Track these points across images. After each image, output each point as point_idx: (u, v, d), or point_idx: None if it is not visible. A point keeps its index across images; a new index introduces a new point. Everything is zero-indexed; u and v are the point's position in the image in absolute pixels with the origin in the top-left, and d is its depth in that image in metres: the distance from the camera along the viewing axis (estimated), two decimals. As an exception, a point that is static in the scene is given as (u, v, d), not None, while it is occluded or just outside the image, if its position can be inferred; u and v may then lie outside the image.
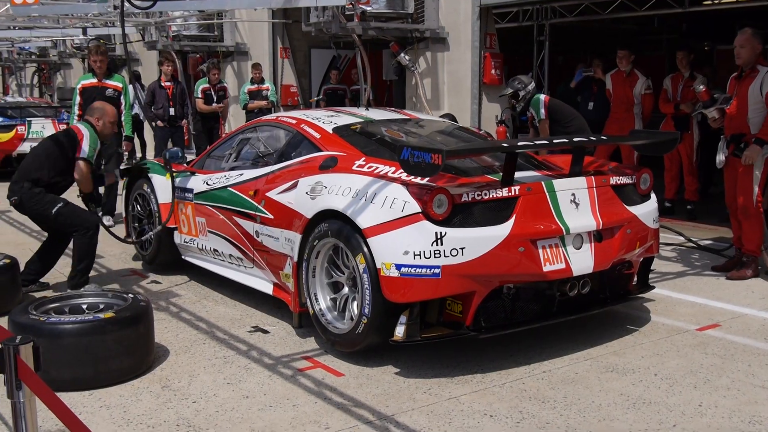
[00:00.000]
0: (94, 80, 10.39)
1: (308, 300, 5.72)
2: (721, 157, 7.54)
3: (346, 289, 5.56)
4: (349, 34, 12.45)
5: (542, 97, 9.34)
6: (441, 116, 9.94)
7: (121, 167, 9.87)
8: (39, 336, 4.60)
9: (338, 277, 5.59)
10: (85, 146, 7.05)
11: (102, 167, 8.15)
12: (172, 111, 13.54)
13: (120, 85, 10.45)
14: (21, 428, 2.97)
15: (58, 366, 4.87)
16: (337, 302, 5.60)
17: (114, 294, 5.66)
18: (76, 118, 10.22)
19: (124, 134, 10.44)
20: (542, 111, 9.17)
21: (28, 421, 2.98)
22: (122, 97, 10.42)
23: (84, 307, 5.52)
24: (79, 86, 10.49)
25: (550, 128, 9.15)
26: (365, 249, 5.13)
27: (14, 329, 4.94)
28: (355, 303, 5.37)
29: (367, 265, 5.10)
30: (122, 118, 10.21)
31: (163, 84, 13.65)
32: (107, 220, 10.52)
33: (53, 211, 6.88)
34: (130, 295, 5.54)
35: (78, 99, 10.41)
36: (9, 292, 6.69)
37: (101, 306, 5.48)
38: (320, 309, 5.64)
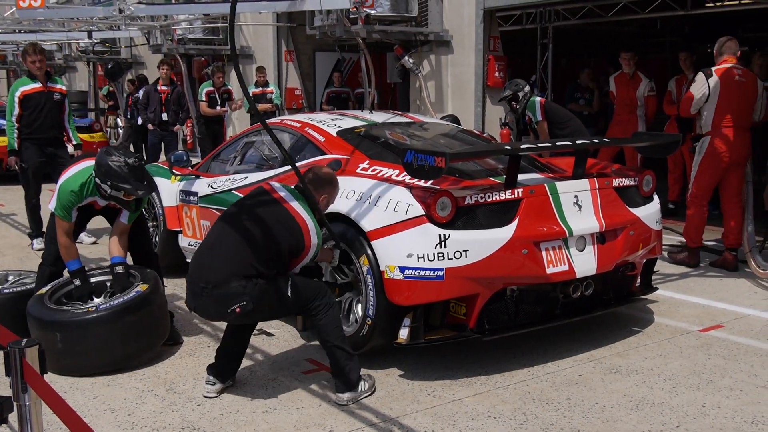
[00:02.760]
0: (38, 85, 9.01)
1: (312, 302, 5.72)
2: None
3: (350, 292, 5.57)
4: (353, 38, 12.47)
5: (538, 99, 9.50)
6: (443, 117, 9.96)
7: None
8: (62, 325, 5.21)
9: (342, 280, 5.61)
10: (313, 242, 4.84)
11: None
12: (164, 116, 13.53)
13: (64, 88, 9.40)
14: (26, 431, 2.99)
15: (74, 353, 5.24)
16: (342, 305, 5.61)
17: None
18: (16, 133, 9.00)
19: (73, 142, 9.44)
20: (539, 113, 9.30)
21: (33, 424, 3.00)
22: (66, 102, 9.28)
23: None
24: (18, 94, 8.96)
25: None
26: (369, 251, 5.14)
27: (32, 322, 5.30)
28: (360, 305, 5.38)
29: (371, 267, 5.12)
30: (67, 125, 9.33)
31: (158, 88, 13.67)
32: None
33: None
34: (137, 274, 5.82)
35: (17, 110, 8.95)
36: None
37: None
38: (324, 312, 5.64)
